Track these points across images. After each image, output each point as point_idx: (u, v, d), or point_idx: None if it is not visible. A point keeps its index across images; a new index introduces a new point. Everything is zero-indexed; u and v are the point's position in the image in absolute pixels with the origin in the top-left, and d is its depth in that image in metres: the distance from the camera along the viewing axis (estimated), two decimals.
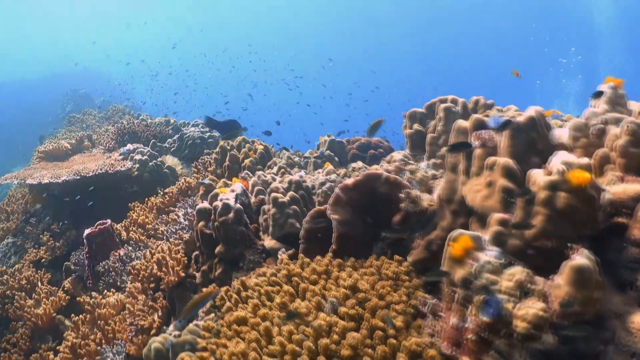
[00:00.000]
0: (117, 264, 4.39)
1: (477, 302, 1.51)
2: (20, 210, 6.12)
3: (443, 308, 1.70)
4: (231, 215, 3.31)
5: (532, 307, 1.45)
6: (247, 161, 4.83)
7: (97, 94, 15.10)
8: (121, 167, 5.63)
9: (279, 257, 2.58)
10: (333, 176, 3.73)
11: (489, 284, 1.53)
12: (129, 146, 6.21)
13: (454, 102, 2.93)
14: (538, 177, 1.63)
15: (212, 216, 3.44)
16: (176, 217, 4.29)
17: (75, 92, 15.30)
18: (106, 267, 4.42)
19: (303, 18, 40.00)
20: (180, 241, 3.87)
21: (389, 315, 1.66)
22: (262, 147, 5.11)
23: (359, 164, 3.96)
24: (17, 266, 5.17)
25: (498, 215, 1.67)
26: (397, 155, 2.82)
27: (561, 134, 1.81)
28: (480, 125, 1.86)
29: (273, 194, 3.11)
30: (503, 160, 1.71)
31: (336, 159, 4.66)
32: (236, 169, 4.94)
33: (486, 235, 1.67)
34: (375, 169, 3.17)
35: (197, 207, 3.61)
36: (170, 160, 6.34)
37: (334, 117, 15.08)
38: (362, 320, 1.64)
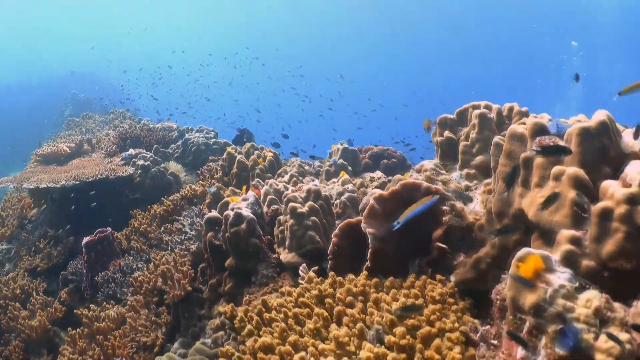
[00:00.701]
0: (118, 275, 4.16)
1: (553, 332, 1.30)
2: (16, 215, 5.88)
3: (503, 337, 1.49)
4: (243, 225, 3.09)
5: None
6: (258, 168, 4.62)
7: (96, 98, 14.86)
8: (123, 172, 5.40)
9: (302, 274, 2.35)
10: (350, 186, 3.52)
11: (565, 312, 1.32)
12: (131, 151, 5.99)
13: (488, 108, 2.73)
14: (615, 189, 1.43)
15: (223, 226, 3.21)
16: (181, 226, 4.07)
17: (74, 97, 15.09)
18: (106, 277, 4.18)
19: (306, 20, 39.97)
20: (186, 252, 3.65)
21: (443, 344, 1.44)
22: (271, 154, 4.90)
23: (378, 173, 3.75)
24: (11, 274, 4.93)
25: (568, 232, 1.47)
26: (428, 164, 2.61)
27: (634, 141, 1.61)
28: (541, 131, 1.66)
29: (291, 204, 2.88)
30: (572, 169, 1.51)
31: (349, 168, 4.43)
32: (244, 177, 4.72)
33: (555, 255, 1.46)
34: (398, 178, 2.97)
35: (206, 216, 3.38)
36: (173, 167, 6.12)
37: (338, 127, 14.92)
38: (412, 351, 1.42)
